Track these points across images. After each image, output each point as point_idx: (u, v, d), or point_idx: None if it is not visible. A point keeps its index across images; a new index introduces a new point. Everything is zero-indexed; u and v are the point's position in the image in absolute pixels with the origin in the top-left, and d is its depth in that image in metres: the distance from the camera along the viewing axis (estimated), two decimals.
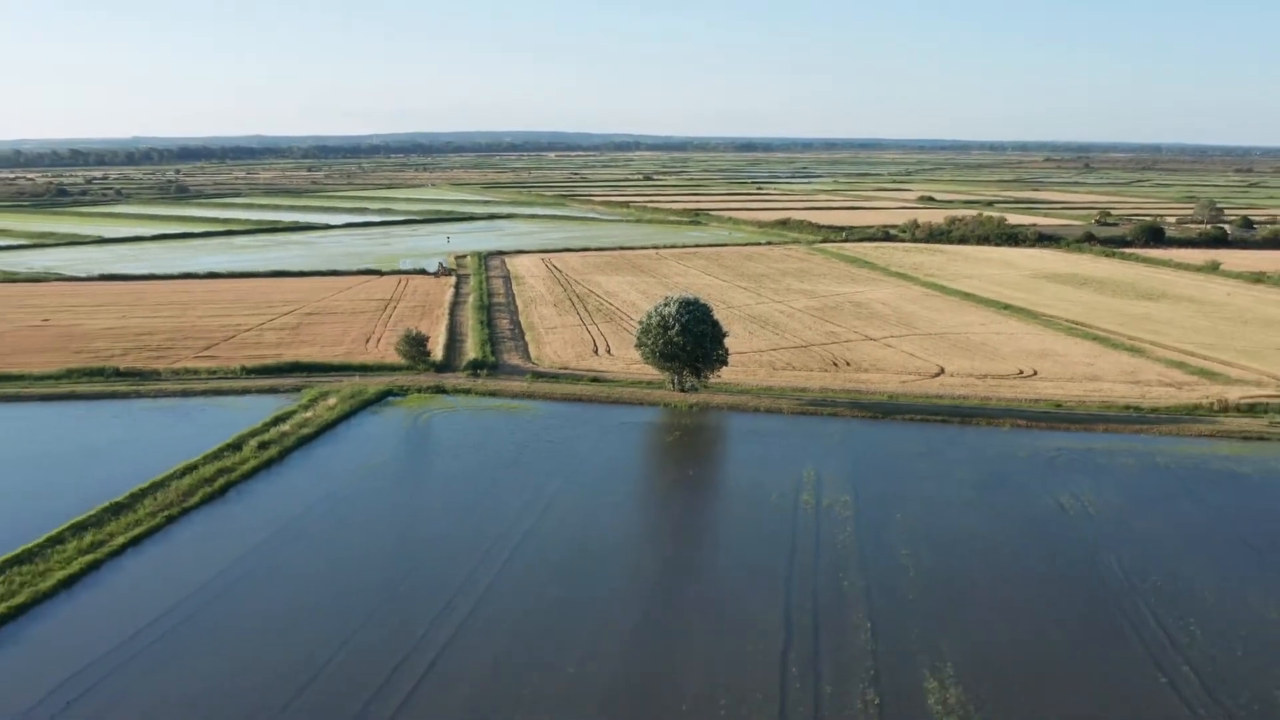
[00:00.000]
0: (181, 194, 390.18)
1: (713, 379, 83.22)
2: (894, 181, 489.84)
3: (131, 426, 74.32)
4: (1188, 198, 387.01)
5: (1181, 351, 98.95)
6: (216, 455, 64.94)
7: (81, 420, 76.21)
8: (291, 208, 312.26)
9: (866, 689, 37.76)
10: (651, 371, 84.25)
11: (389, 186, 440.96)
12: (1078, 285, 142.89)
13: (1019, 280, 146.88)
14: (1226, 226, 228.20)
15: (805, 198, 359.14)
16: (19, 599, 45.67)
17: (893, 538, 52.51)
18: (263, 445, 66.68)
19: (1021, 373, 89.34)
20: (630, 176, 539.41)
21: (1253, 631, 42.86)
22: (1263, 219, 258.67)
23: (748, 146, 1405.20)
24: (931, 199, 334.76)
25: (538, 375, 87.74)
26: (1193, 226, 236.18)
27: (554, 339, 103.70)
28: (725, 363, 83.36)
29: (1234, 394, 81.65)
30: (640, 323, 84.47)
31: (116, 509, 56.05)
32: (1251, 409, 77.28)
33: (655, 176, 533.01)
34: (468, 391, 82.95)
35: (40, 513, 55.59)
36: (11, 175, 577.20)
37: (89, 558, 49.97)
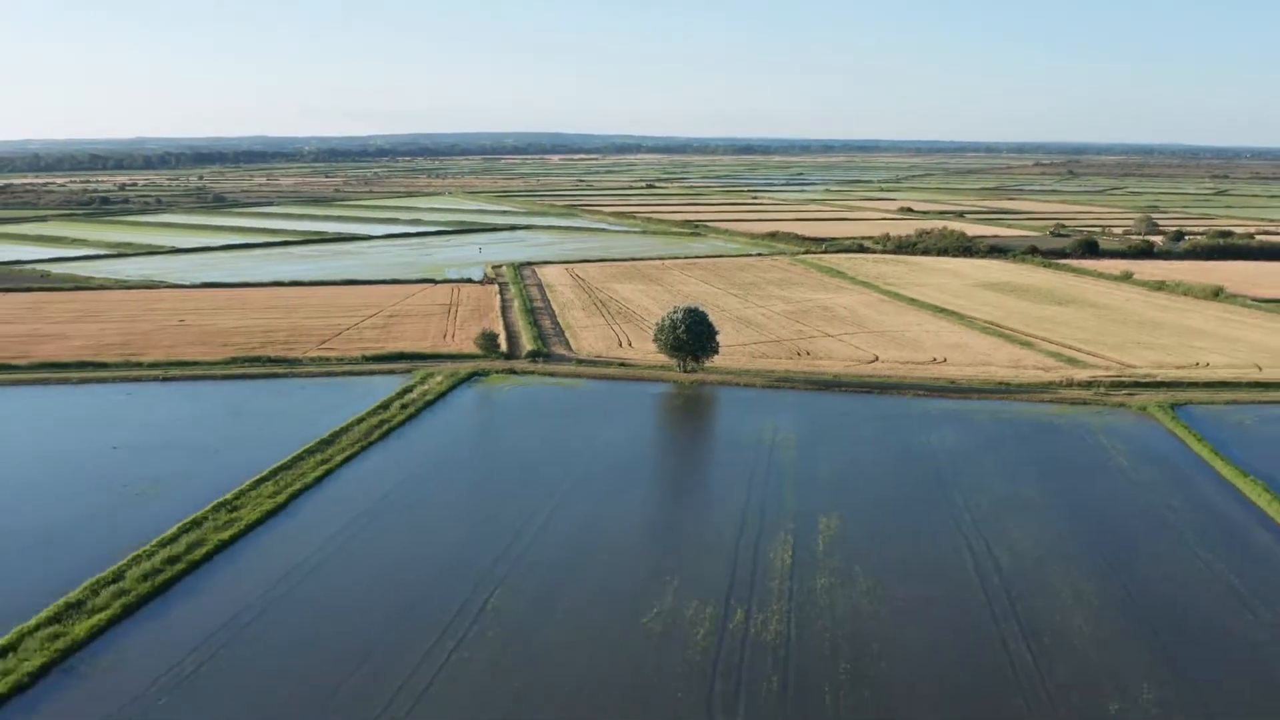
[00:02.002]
0: (219, 203, 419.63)
1: (708, 364, 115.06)
2: (881, 190, 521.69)
3: (300, 396, 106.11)
4: (1151, 206, 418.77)
5: (1063, 345, 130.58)
6: (373, 413, 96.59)
7: (260, 391, 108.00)
8: (327, 218, 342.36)
9: (787, 522, 69.48)
10: (664, 359, 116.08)
11: (408, 195, 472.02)
12: (1007, 293, 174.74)
13: (960, 288, 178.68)
14: (1160, 238, 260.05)
15: (796, 207, 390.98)
16: (294, 488, 77.11)
17: (818, 459, 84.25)
18: (403, 406, 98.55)
19: (935, 360, 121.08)
20: (634, 183, 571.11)
21: (1017, 507, 74.29)
22: (1200, 229, 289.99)
23: (747, 149, 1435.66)
24: (910, 209, 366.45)
25: (580, 361, 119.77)
26: (1134, 238, 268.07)
27: (587, 335, 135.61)
28: (717, 352, 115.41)
29: (1082, 374, 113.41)
30: (656, 324, 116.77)
31: (325, 443, 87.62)
32: (1088, 385, 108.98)
33: (657, 184, 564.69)
34: (532, 373, 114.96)
35: (271, 446, 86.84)
36: (41, 181, 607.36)
37: (324, 468, 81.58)
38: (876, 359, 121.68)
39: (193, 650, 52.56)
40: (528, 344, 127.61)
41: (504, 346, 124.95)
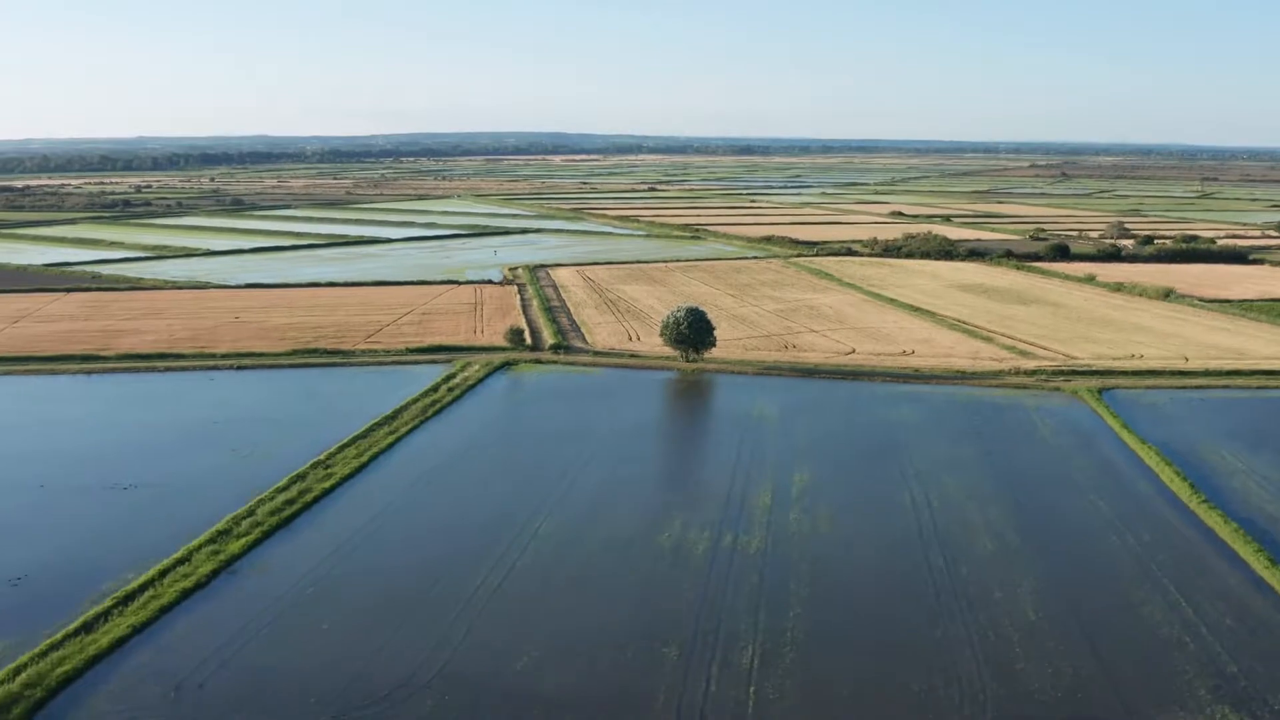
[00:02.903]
0: (238, 206, 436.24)
1: (707, 355, 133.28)
2: (875, 193, 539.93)
3: (358, 381, 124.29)
4: (1133, 210, 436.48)
5: (1019, 340, 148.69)
6: (425, 395, 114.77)
7: (323, 378, 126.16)
8: (345, 221, 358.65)
9: (768, 476, 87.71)
10: (669, 351, 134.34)
11: (418, 198, 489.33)
12: (978, 293, 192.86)
13: (936, 289, 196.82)
14: (1130, 242, 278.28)
15: (792, 211, 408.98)
16: (373, 451, 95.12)
17: (796, 430, 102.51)
18: (450, 389, 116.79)
19: (904, 352, 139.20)
20: (636, 186, 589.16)
21: (952, 464, 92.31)
22: (1171, 233, 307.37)
23: (747, 149, 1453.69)
24: (901, 213, 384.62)
25: (596, 353, 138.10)
26: (1106, 241, 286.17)
27: (601, 331, 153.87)
28: (715, 345, 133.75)
29: (1029, 364, 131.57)
30: (661, 321, 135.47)
31: (390, 418, 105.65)
32: (1032, 373, 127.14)
33: (659, 186, 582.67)
34: (555, 363, 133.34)
35: (345, 421, 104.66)
36: (57, 183, 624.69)
37: (393, 437, 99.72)
38: (853, 351, 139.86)
39: (323, 560, 70.84)
40: (549, 338, 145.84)
41: (529, 340, 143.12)
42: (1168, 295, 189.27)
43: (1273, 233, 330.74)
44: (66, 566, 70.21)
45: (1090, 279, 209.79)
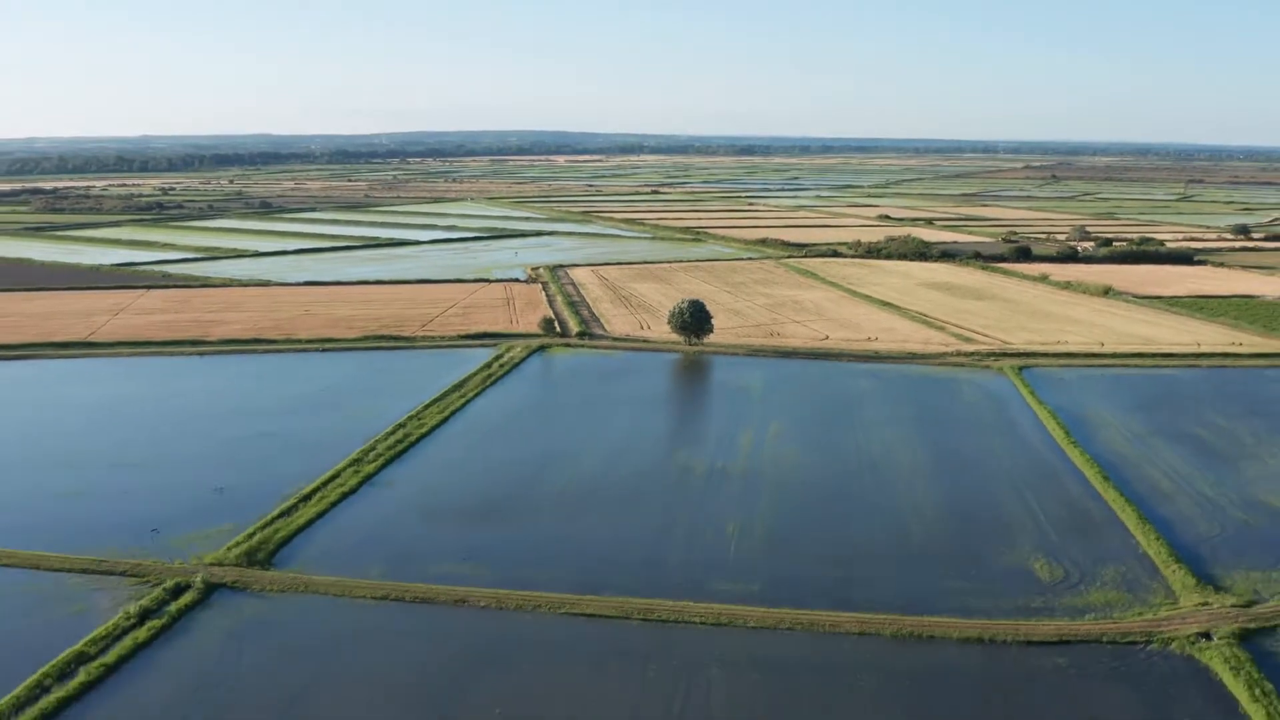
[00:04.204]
0: (266, 209, 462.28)
1: (705, 340, 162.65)
2: (868, 196, 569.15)
3: (422, 361, 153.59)
4: (1108, 214, 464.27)
5: (967, 329, 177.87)
6: (480, 371, 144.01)
7: (394, 358, 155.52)
8: (372, 224, 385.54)
9: (751, 425, 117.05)
10: (674, 337, 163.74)
11: (434, 200, 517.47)
12: (943, 290, 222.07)
13: (906, 287, 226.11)
14: (1089, 244, 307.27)
15: (787, 214, 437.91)
16: (451, 409, 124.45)
17: (774, 395, 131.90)
18: (500, 365, 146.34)
19: (869, 338, 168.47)
20: (639, 188, 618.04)
21: (892, 419, 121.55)
22: (1132, 236, 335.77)
23: (748, 149, 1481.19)
24: (887, 217, 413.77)
25: (615, 339, 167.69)
26: (1069, 244, 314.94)
27: (617, 321, 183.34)
28: (712, 332, 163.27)
29: (970, 348, 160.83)
30: (669, 312, 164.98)
31: (456, 387, 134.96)
32: (971, 354, 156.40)
33: (661, 189, 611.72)
34: (581, 347, 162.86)
35: (421, 390, 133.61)
36: (83, 184, 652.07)
37: (463, 400, 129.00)
38: (827, 337, 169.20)
39: (433, 479, 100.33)
40: (575, 327, 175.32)
41: (558, 329, 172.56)
42: (1107, 292, 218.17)
43: (1228, 235, 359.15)
44: (252, 480, 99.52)
45: (1044, 278, 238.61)
